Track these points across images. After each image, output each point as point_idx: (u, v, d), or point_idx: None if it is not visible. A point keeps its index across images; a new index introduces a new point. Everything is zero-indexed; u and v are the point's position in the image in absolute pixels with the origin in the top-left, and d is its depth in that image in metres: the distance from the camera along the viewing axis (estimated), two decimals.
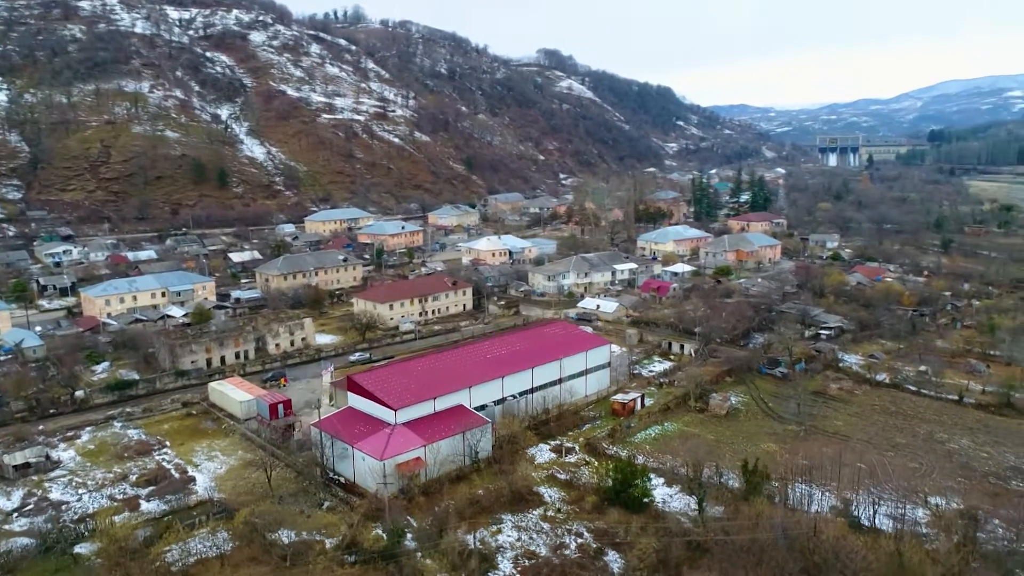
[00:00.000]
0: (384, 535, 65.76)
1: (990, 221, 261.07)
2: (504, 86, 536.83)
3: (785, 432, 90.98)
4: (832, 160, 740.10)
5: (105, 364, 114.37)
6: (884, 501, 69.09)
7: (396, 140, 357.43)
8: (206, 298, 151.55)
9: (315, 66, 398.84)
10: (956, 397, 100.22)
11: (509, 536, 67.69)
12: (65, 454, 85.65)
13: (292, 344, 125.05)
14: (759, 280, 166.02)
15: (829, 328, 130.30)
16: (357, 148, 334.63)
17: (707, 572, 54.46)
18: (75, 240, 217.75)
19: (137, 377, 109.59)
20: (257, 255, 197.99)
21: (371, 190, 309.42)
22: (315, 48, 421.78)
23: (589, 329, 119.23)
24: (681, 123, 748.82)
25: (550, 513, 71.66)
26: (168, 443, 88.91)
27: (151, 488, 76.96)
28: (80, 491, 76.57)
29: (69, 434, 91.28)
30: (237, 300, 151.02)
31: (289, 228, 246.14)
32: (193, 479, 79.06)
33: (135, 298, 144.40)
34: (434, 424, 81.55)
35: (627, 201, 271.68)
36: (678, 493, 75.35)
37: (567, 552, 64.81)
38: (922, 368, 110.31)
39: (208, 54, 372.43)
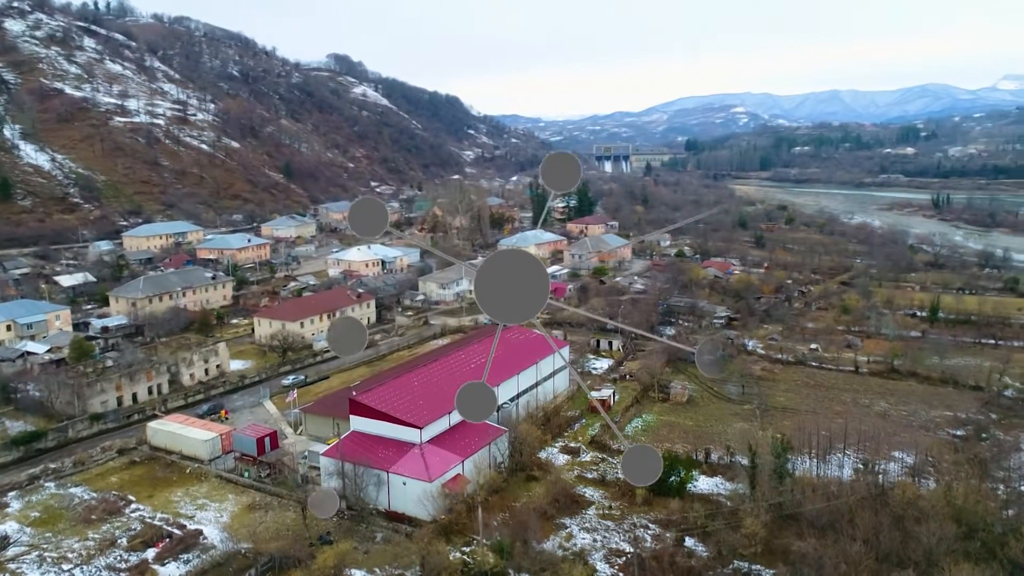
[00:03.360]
0: (467, 558, 63.38)
1: (777, 218, 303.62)
2: (302, 91, 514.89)
3: (745, 412, 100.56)
4: (607, 167, 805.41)
5: None
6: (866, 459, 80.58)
7: (204, 147, 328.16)
8: (61, 328, 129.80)
9: (93, 62, 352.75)
10: (853, 368, 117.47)
11: (584, 539, 68.33)
12: (6, 527, 69.96)
13: (207, 373, 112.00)
14: (635, 278, 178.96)
15: (720, 317, 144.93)
16: (162, 155, 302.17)
17: (809, 540, 59.85)
18: None
19: (32, 428, 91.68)
20: (90, 277, 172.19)
21: (184, 200, 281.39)
22: (89, 42, 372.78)
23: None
24: (472, 132, 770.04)
25: (603, 511, 73.42)
26: (133, 497, 76.24)
27: (155, 550, 65.91)
28: (65, 567, 63.35)
29: None
30: (105, 329, 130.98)
31: (105, 245, 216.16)
32: (200, 532, 68.98)
33: None
34: (457, 439, 79.08)
35: (467, 208, 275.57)
36: (700, 475, 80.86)
37: (647, 545, 67.20)
38: (812, 346, 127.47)
39: None
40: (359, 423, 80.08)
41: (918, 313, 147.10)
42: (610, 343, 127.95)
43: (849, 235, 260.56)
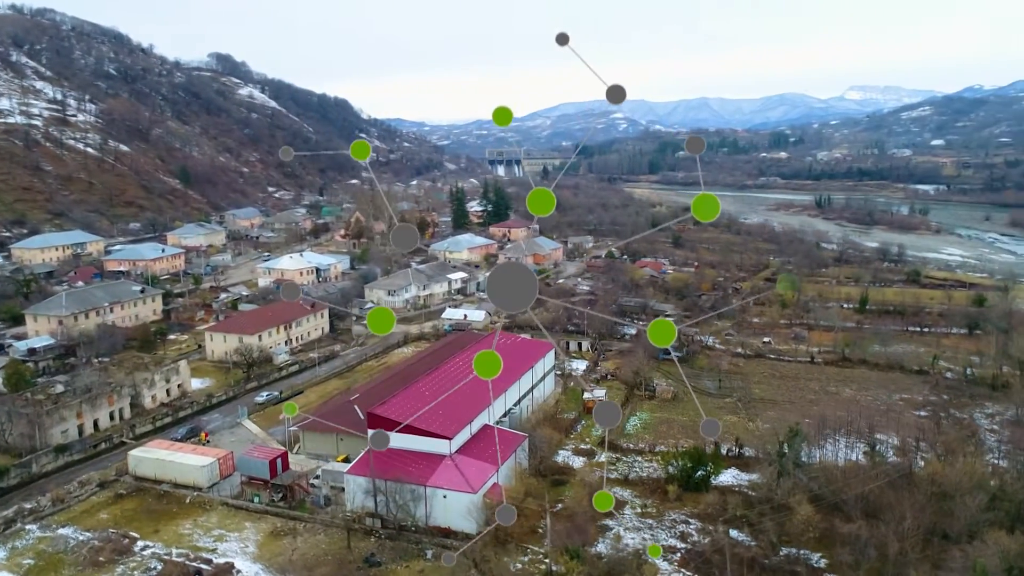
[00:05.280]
0: (527, 566, 62.30)
1: (686, 219, 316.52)
2: (186, 91, 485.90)
3: (729, 405, 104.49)
4: (500, 171, 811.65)
5: None
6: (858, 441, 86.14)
7: (90, 150, 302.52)
8: None
9: None
10: (809, 359, 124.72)
11: (633, 538, 68.69)
12: None
13: (168, 394, 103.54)
14: (578, 280, 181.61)
15: (669, 316, 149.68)
16: (43, 159, 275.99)
17: (859, 522, 63.10)
18: None
19: None
20: None
21: (73, 208, 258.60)
22: None
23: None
24: (363, 135, 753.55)
25: (642, 510, 74.14)
26: (136, 534, 69.32)
27: None
28: None
29: None
30: (32, 351, 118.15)
31: None
32: (231, 565, 63.74)
33: None
34: (483, 447, 77.43)
35: (389, 214, 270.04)
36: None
37: (694, 539, 68.51)
38: (766, 339, 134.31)
39: None
40: None
41: (845, 306, 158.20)
42: (579, 344, 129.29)
43: (755, 234, 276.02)
